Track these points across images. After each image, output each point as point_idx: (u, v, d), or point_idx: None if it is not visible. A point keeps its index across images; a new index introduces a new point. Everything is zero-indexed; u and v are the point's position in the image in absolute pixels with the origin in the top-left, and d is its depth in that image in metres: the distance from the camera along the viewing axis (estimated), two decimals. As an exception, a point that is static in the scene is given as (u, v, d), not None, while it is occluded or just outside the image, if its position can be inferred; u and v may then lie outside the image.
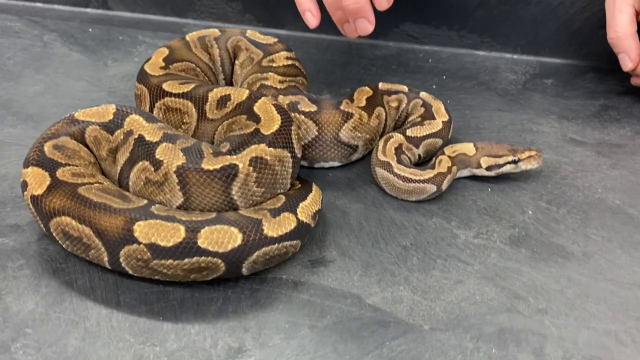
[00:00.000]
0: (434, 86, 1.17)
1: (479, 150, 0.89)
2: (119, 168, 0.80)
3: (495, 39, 1.28)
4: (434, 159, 0.90)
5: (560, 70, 1.24)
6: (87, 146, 0.81)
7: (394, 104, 0.97)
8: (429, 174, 0.84)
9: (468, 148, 0.90)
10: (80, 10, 1.42)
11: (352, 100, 0.92)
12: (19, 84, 1.13)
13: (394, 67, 1.25)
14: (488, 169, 0.89)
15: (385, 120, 0.95)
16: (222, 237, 0.68)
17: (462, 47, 1.30)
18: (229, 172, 0.73)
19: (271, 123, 0.78)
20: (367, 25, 0.92)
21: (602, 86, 1.18)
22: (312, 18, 0.94)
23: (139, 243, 0.67)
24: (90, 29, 1.34)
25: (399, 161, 0.86)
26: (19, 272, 0.73)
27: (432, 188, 0.84)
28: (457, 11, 1.27)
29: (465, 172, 0.91)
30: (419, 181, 0.84)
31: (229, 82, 1.06)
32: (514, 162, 0.88)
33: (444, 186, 0.85)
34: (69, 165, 0.77)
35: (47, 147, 0.78)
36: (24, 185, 0.75)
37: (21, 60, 1.21)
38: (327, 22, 0.94)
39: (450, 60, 1.27)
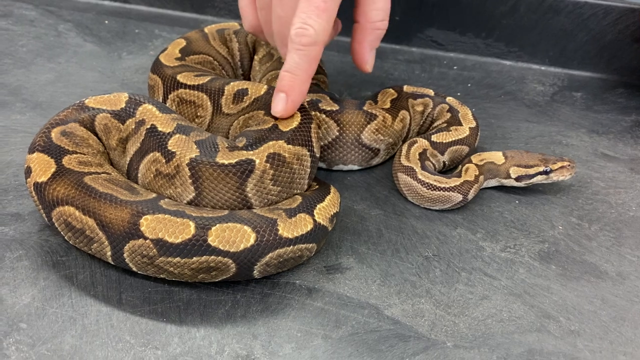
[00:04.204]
0: (458, 93, 1.13)
1: (508, 159, 0.85)
2: (128, 158, 0.75)
3: (523, 48, 1.24)
4: (459, 166, 0.85)
5: (590, 83, 1.19)
6: (96, 134, 0.77)
7: (419, 108, 0.92)
8: (455, 182, 0.80)
9: (497, 157, 0.85)
10: (97, 2, 1.39)
11: (375, 102, 0.88)
12: (30, 72, 1.09)
13: (417, 72, 1.20)
14: (518, 179, 0.84)
15: (410, 124, 0.90)
16: (234, 236, 0.64)
17: (488, 56, 1.26)
18: (245, 168, 0.69)
19: (290, 119, 0.74)
20: (281, 104, 0.72)
21: (634, 102, 1.13)
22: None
23: (145, 238, 0.63)
24: (106, 21, 1.31)
25: (423, 167, 0.81)
26: (17, 263, 0.69)
27: (457, 197, 0.79)
28: (484, 18, 1.23)
29: (492, 182, 0.86)
30: (444, 189, 0.79)
31: (247, 78, 1.02)
32: (546, 172, 0.83)
33: (470, 196, 0.81)
34: (77, 153, 0.73)
35: (55, 133, 0.74)
36: (28, 171, 0.71)
37: (34, 48, 1.18)
38: (348, 24, 0.89)
39: (475, 68, 1.23)
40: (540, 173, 0.83)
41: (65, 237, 0.69)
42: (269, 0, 0.75)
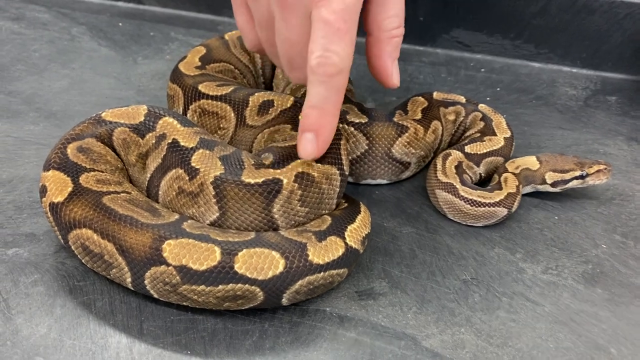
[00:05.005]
0: (488, 98, 1.08)
1: (543, 164, 0.80)
2: (148, 175, 0.72)
3: (554, 50, 1.19)
4: (495, 177, 0.81)
5: (625, 86, 1.14)
6: (114, 150, 0.73)
7: (451, 117, 0.88)
8: (498, 195, 0.75)
9: (531, 162, 0.81)
10: (111, 3, 1.35)
11: (405, 112, 0.84)
12: (43, 79, 1.06)
13: (443, 75, 1.15)
14: (553, 185, 0.80)
15: (442, 134, 0.86)
16: (262, 262, 0.60)
17: (516, 58, 1.20)
18: (272, 188, 0.64)
19: (319, 134, 0.70)
20: (311, 147, 0.63)
21: (673, 106, 1.08)
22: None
23: (168, 264, 0.59)
24: (120, 24, 1.27)
25: (463, 182, 0.77)
26: (32, 289, 0.65)
27: (502, 212, 0.75)
28: (513, 18, 1.18)
29: (527, 189, 0.81)
30: (490, 204, 0.74)
31: (269, 87, 0.98)
32: (582, 177, 0.79)
33: (514, 208, 0.76)
34: (94, 170, 0.69)
35: (71, 149, 0.70)
36: (43, 190, 0.67)
37: (47, 53, 1.14)
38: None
39: (503, 71, 1.18)
40: (576, 178, 0.79)
41: (83, 261, 0.65)
42: (270, 18, 0.64)
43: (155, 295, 0.62)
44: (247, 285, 0.59)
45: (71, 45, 1.18)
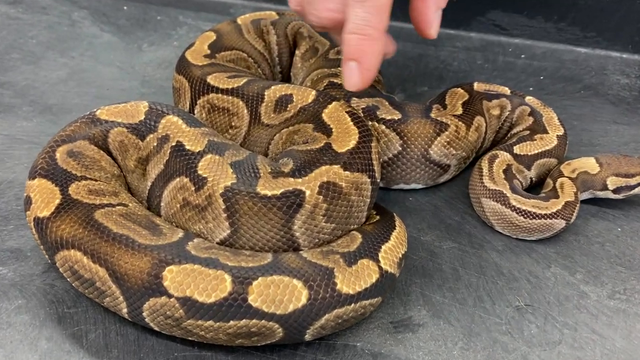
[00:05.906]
0: (530, 88, 0.97)
1: (604, 167, 0.70)
2: (149, 183, 0.62)
3: (602, 34, 1.07)
4: (549, 182, 0.70)
5: (684, 74, 1.02)
6: (110, 154, 0.63)
7: (496, 112, 0.77)
8: (555, 205, 0.64)
9: (590, 164, 0.70)
10: (116, -15, 1.25)
11: (443, 106, 0.73)
12: (39, 68, 0.97)
13: (479, 62, 1.04)
14: (616, 191, 0.69)
15: (485, 132, 0.75)
16: (281, 294, 0.50)
17: (560, 42, 1.09)
18: (293, 201, 0.55)
19: (346, 137, 0.59)
20: (354, 76, 0.60)
21: None
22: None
23: (170, 296, 0.50)
24: (125, 7, 1.17)
25: (513, 189, 0.66)
26: (15, 317, 0.56)
27: (560, 224, 0.64)
28: (557, -1, 1.06)
29: (584, 195, 0.71)
30: (546, 216, 0.64)
31: (286, 77, 0.88)
32: None
33: (573, 219, 0.66)
34: (86, 178, 0.60)
35: (60, 154, 0.61)
36: (28, 201, 0.58)
37: (45, 40, 1.05)
38: (396, 6, 0.72)
39: (546, 57, 1.06)
40: None
41: (73, 285, 0.56)
42: None
43: (156, 329, 0.53)
44: (263, 320, 0.50)
45: (71, 31, 1.08)
